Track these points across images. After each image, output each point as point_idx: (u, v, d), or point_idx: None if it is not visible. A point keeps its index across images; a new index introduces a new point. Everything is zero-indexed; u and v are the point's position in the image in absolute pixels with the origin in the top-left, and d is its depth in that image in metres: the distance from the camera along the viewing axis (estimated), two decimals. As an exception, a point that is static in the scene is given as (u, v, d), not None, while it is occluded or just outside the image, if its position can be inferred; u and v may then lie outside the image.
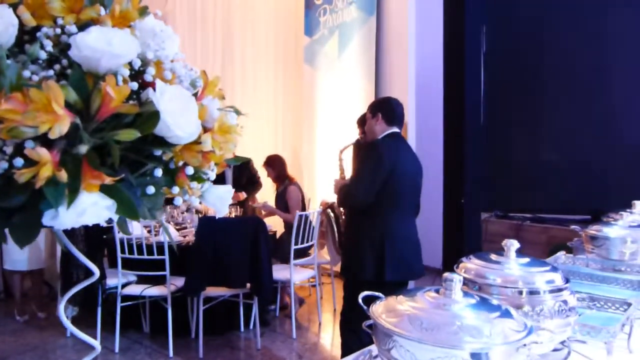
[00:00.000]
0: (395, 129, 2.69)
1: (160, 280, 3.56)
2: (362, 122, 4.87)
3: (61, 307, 0.81)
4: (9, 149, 0.56)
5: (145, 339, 3.84)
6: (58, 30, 0.62)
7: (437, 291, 1.02)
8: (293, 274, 3.81)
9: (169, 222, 4.13)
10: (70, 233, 3.86)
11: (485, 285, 1.22)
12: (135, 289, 3.56)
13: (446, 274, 1.01)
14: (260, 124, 6.24)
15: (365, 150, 2.67)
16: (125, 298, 3.58)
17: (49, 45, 0.60)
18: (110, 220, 0.64)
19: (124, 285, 3.58)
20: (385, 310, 1.02)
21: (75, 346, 3.76)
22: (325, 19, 5.76)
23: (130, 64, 0.63)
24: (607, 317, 1.37)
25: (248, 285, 3.50)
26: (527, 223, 4.35)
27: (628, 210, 2.00)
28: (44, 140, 0.56)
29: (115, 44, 0.60)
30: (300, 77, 6.20)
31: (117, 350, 3.56)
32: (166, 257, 3.39)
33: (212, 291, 3.49)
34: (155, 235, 3.79)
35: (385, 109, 2.71)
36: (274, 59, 6.27)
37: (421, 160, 2.85)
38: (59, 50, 0.62)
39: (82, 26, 0.62)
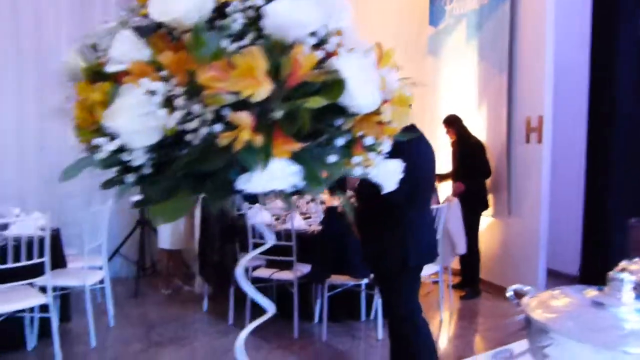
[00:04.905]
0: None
1: (286, 266, 3.70)
2: (449, 122, 4.71)
3: (240, 270, 0.86)
4: (208, 116, 0.59)
5: (270, 320, 4.01)
6: (245, 4, 0.64)
7: (600, 290, 0.93)
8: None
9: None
10: (206, 218, 4.15)
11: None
12: (264, 272, 3.75)
13: (612, 273, 0.93)
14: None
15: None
16: (254, 280, 3.78)
17: (239, 18, 0.63)
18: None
19: (254, 268, 3.79)
20: (539, 304, 0.95)
21: (210, 320, 4.07)
22: (452, 8, 5.55)
23: (313, 33, 0.64)
24: None
25: (372, 276, 3.50)
26: (688, 228, 3.82)
27: None
28: (237, 107, 0.59)
29: (303, 13, 0.61)
30: (423, 68, 6.05)
31: (247, 328, 3.79)
32: (293, 243, 3.52)
33: (336, 279, 3.55)
34: (283, 223, 3.94)
35: None
36: (396, 50, 6.20)
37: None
38: (249, 23, 0.64)
39: (269, -1, 0.64)
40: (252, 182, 0.60)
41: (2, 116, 4.92)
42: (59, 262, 3.70)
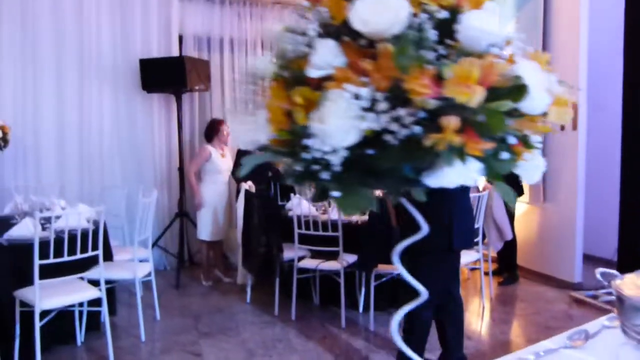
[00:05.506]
0: None
1: (329, 256, 3.77)
2: None
3: (395, 256, 0.92)
4: (409, 119, 0.66)
5: (315, 310, 4.12)
6: (429, 15, 0.70)
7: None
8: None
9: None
10: (250, 209, 4.19)
11: None
12: (310, 263, 3.83)
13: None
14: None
15: None
16: (300, 271, 3.86)
17: (430, 29, 0.69)
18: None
19: (299, 259, 3.87)
20: (631, 285, 1.02)
21: (255, 311, 4.16)
22: (483, -3, 5.54)
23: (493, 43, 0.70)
24: None
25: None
26: None
27: None
28: (437, 112, 0.65)
29: (492, 24, 0.67)
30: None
31: (293, 317, 3.88)
32: (340, 233, 3.58)
33: (383, 269, 3.63)
34: (322, 213, 4.01)
35: None
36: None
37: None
38: (439, 33, 0.70)
39: (451, 11, 0.70)
40: (444, 178, 0.67)
41: (42, 108, 5.04)
42: (107, 254, 3.78)
